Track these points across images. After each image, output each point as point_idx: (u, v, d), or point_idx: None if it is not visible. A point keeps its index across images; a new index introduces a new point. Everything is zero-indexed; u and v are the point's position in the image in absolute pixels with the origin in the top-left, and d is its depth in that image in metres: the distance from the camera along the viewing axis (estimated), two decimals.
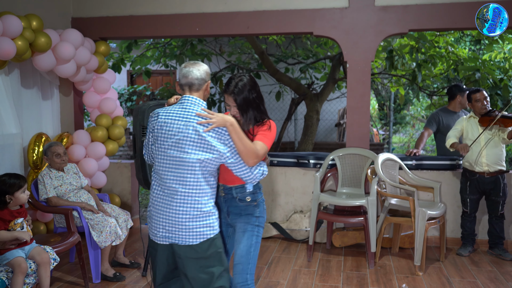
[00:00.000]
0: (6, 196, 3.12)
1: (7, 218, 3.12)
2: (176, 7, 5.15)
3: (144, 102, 3.97)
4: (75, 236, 3.80)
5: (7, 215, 3.13)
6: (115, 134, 5.20)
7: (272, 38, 8.46)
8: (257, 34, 5.38)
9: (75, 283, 3.93)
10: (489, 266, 4.35)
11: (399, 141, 14.14)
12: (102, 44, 5.16)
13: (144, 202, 7.77)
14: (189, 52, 7.67)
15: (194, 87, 2.48)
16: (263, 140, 2.49)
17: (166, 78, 12.73)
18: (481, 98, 4.51)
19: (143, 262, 4.36)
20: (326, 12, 4.91)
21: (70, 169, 4.26)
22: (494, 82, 6.39)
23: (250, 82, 2.52)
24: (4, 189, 3.13)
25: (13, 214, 3.16)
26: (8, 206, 3.15)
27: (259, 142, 2.47)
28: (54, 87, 5.00)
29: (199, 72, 2.49)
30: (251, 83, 2.53)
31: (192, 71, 2.48)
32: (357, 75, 4.89)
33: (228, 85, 2.52)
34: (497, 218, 4.54)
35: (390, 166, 4.59)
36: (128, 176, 5.58)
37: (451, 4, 4.68)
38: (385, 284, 3.91)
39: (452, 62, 7.13)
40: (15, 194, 3.15)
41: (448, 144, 4.55)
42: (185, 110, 2.43)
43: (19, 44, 3.89)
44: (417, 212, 4.11)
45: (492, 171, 4.45)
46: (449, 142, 4.54)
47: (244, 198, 2.60)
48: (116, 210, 4.26)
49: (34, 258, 3.16)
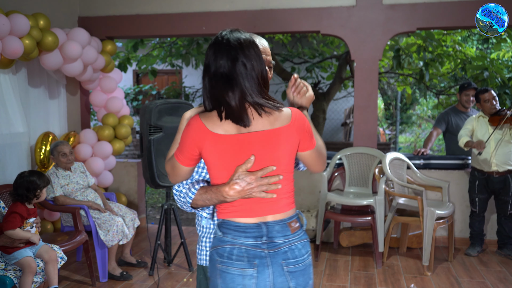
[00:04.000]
0: (36, 191, 3.22)
1: (24, 215, 3.15)
2: (183, 6, 5.14)
3: (151, 101, 3.97)
4: (82, 235, 3.80)
5: (25, 212, 3.16)
6: (122, 133, 5.20)
7: (278, 37, 8.44)
8: (264, 33, 5.36)
9: (82, 282, 3.93)
10: (498, 266, 4.31)
11: (405, 141, 14.08)
12: (108, 43, 5.16)
13: (150, 202, 7.77)
14: (195, 51, 7.66)
15: None
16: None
17: (172, 78, 12.73)
18: (490, 98, 4.47)
19: (150, 261, 4.36)
20: (334, 10, 4.88)
21: (77, 168, 4.26)
22: (502, 81, 6.35)
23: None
24: (37, 183, 3.23)
25: (29, 212, 3.19)
26: (30, 202, 3.22)
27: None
28: (61, 86, 5.00)
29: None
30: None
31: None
32: (365, 74, 4.87)
33: None
34: (506, 218, 4.50)
35: (398, 166, 4.56)
36: (135, 175, 5.57)
37: (459, 3, 4.65)
38: (393, 284, 3.88)
39: (460, 61, 7.08)
40: (43, 190, 3.27)
41: (462, 143, 4.48)
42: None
43: (26, 43, 3.90)
44: (425, 212, 4.08)
45: (501, 171, 4.41)
46: (463, 141, 4.48)
47: None
48: (123, 209, 4.25)
49: (42, 256, 3.16)
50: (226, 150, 1.59)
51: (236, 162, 1.59)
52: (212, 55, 1.62)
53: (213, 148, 1.59)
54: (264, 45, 1.82)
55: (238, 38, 1.62)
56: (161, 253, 4.56)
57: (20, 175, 3.28)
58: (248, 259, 1.60)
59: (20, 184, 3.20)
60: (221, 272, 1.62)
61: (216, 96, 1.60)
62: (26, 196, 3.18)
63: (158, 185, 3.93)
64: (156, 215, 6.89)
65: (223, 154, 1.59)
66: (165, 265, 4.32)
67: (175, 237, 4.82)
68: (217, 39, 1.64)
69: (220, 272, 1.62)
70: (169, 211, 4.23)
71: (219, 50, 1.61)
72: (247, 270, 1.59)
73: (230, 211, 1.64)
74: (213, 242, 1.66)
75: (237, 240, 1.61)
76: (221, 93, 1.59)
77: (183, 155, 1.63)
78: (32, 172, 3.31)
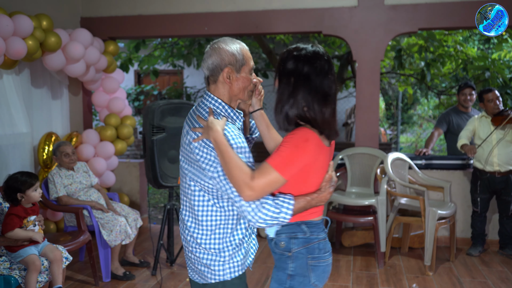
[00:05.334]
0: (18, 194, 3.14)
1: (22, 214, 3.15)
2: (185, 7, 5.16)
3: (153, 101, 3.98)
4: (86, 235, 3.82)
5: (21, 211, 3.16)
6: (124, 133, 5.22)
7: (279, 37, 8.45)
8: (266, 33, 5.37)
9: (85, 281, 3.94)
10: (500, 266, 4.32)
11: (406, 141, 14.08)
12: (111, 43, 5.18)
13: (152, 202, 7.79)
14: (197, 51, 7.68)
15: (210, 78, 1.82)
16: (269, 160, 1.65)
17: (173, 78, 12.74)
18: (494, 98, 4.48)
19: (152, 261, 4.37)
20: (335, 11, 4.89)
21: (80, 167, 4.28)
22: (503, 81, 6.36)
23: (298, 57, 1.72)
24: (16, 186, 3.15)
25: (27, 211, 3.19)
26: (21, 203, 3.17)
27: (264, 163, 1.66)
28: (64, 86, 5.02)
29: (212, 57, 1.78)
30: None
31: (204, 58, 1.81)
32: (366, 74, 4.88)
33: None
34: (507, 218, 4.51)
35: (400, 166, 4.57)
36: (137, 176, 5.59)
37: (461, 3, 4.66)
38: (395, 284, 3.89)
39: (461, 61, 7.09)
40: (26, 192, 3.16)
41: (459, 145, 4.56)
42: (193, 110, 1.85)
43: (29, 44, 3.91)
44: (427, 212, 4.09)
45: (503, 171, 4.42)
46: (460, 144, 4.55)
47: (279, 242, 1.81)
48: (125, 209, 4.27)
49: (47, 256, 3.18)
50: (325, 161, 1.77)
51: (325, 171, 1.79)
52: (314, 70, 1.67)
53: (320, 160, 1.73)
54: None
55: (329, 56, 1.74)
56: (163, 253, 4.57)
57: (8, 177, 3.26)
58: (327, 250, 1.84)
59: (5, 187, 3.19)
60: (313, 267, 1.79)
61: (315, 111, 1.68)
62: (13, 198, 3.16)
63: (161, 185, 3.94)
64: (158, 215, 6.90)
65: (323, 165, 1.76)
66: (167, 265, 4.33)
67: (178, 237, 4.84)
68: (317, 54, 1.69)
69: (312, 268, 1.79)
70: (171, 211, 4.25)
71: (323, 66, 1.68)
72: (329, 260, 1.85)
73: (312, 212, 1.80)
74: (296, 243, 1.77)
75: (320, 236, 1.81)
76: (321, 108, 1.68)
77: (293, 169, 1.65)
78: (15, 174, 3.24)
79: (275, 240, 1.82)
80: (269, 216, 1.65)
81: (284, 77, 1.72)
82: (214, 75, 1.79)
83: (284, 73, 1.72)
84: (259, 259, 4.49)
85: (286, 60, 1.72)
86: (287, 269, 1.79)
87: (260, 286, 3.86)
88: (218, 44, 1.79)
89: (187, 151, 1.77)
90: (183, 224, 1.85)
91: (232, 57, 1.76)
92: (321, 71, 1.68)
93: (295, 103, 1.69)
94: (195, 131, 1.74)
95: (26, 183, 3.17)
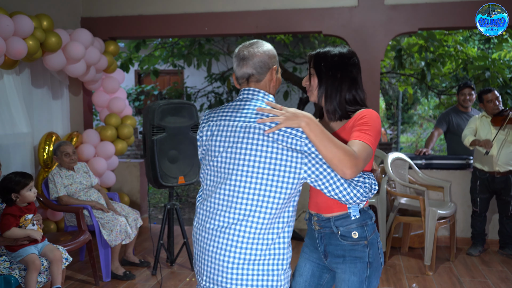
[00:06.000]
0: (12, 194, 3.15)
1: (17, 213, 3.15)
2: (185, 7, 5.16)
3: (154, 102, 3.98)
4: (86, 235, 3.82)
5: (17, 211, 3.16)
6: (124, 133, 5.22)
7: (279, 37, 8.45)
8: (266, 33, 5.38)
9: (85, 281, 3.95)
10: (500, 266, 4.32)
11: (406, 141, 14.08)
12: (111, 43, 5.18)
13: (152, 202, 7.79)
14: (197, 51, 7.68)
15: (253, 77, 1.84)
16: (363, 138, 1.74)
17: (174, 78, 12.75)
18: (493, 98, 4.48)
19: (152, 261, 4.38)
20: (335, 11, 4.90)
21: (80, 168, 4.28)
22: (504, 81, 6.36)
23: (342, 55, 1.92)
24: (10, 187, 3.16)
25: (22, 210, 3.19)
26: (16, 203, 3.18)
27: (357, 141, 1.72)
28: (64, 86, 5.02)
29: (259, 57, 1.82)
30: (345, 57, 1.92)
31: (247, 57, 1.83)
32: (366, 74, 4.86)
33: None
34: (507, 218, 4.51)
35: (400, 166, 4.57)
36: (137, 176, 5.59)
37: (460, 3, 4.66)
38: (395, 284, 3.89)
39: (461, 61, 7.09)
40: (21, 192, 3.17)
41: (468, 141, 4.44)
42: (240, 107, 1.80)
43: (30, 44, 3.92)
44: (427, 212, 4.10)
45: (503, 171, 4.42)
46: (469, 140, 4.44)
47: (349, 233, 1.84)
48: (126, 209, 4.27)
49: (47, 256, 3.18)
50: None
51: None
52: (353, 64, 1.90)
53: None
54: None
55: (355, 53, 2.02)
56: (164, 253, 4.57)
57: (2, 177, 3.25)
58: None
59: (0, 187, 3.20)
60: (381, 250, 1.90)
61: (360, 94, 1.92)
62: (7, 199, 3.17)
63: (161, 185, 3.95)
64: (159, 215, 6.91)
65: None
66: (168, 264, 4.34)
67: (178, 236, 4.84)
68: (351, 52, 1.92)
69: (381, 251, 1.90)
70: (171, 211, 4.25)
71: (356, 61, 1.93)
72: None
73: None
74: (368, 230, 1.86)
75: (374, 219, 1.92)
76: (362, 91, 1.95)
77: (376, 141, 1.79)
78: (9, 175, 3.24)
79: (342, 233, 1.84)
80: (364, 193, 1.74)
81: (329, 72, 1.87)
82: (261, 73, 1.83)
83: (329, 69, 1.87)
84: None
85: (328, 59, 1.88)
86: (365, 257, 1.84)
87: None
88: (262, 45, 1.85)
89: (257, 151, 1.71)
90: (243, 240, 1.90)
91: (275, 58, 1.87)
92: (356, 64, 1.91)
93: (346, 91, 1.88)
94: (272, 120, 1.71)
95: (20, 183, 3.18)
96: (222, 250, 1.72)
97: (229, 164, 1.74)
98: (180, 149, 4.06)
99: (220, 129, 1.79)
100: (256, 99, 1.80)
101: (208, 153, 1.81)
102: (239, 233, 1.71)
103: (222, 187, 1.75)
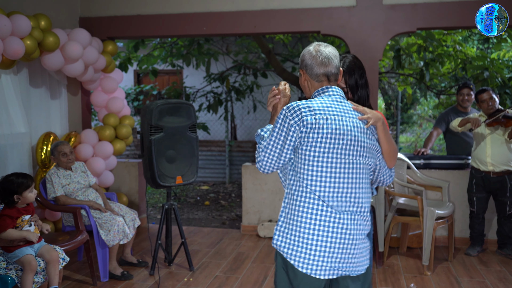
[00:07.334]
0: (14, 196, 3.13)
1: (15, 215, 3.14)
2: (183, 7, 5.16)
3: (151, 101, 3.98)
4: (84, 235, 3.82)
5: (14, 212, 3.15)
6: (123, 133, 5.22)
7: (278, 37, 8.44)
8: (265, 33, 5.37)
9: (83, 281, 3.94)
10: (498, 266, 4.32)
11: (406, 141, 14.08)
12: (109, 43, 5.18)
13: (151, 202, 7.79)
14: (196, 51, 7.68)
15: (334, 77, 2.08)
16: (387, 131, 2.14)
17: (172, 78, 12.73)
18: (487, 98, 4.49)
19: (150, 261, 4.37)
20: (334, 11, 4.89)
21: (78, 167, 4.28)
22: (502, 81, 6.35)
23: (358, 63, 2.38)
24: (12, 188, 3.14)
25: (20, 211, 3.18)
26: (16, 205, 3.17)
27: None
28: (62, 86, 5.02)
29: (337, 58, 2.09)
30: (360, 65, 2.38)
31: (331, 58, 2.05)
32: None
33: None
34: (505, 218, 4.51)
35: (398, 165, 4.57)
36: (136, 175, 5.59)
37: (459, 3, 4.65)
38: (393, 284, 3.89)
39: (460, 61, 7.09)
40: (23, 194, 3.16)
41: (457, 122, 4.58)
42: (341, 103, 2.04)
43: (28, 44, 3.91)
44: (425, 212, 4.09)
45: (498, 171, 4.42)
46: (457, 121, 4.59)
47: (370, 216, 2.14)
48: (123, 209, 4.27)
49: (43, 256, 3.17)
50: None
51: None
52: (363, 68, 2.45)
53: None
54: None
55: None
56: (161, 253, 4.57)
57: (2, 179, 3.23)
58: None
59: (1, 189, 3.16)
60: None
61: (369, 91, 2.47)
62: (8, 200, 3.15)
63: (159, 185, 3.94)
64: (157, 215, 6.90)
65: None
66: (165, 264, 4.33)
67: (176, 236, 4.84)
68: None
69: None
70: (169, 211, 4.25)
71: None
72: None
73: None
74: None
75: None
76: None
77: None
78: (9, 176, 3.21)
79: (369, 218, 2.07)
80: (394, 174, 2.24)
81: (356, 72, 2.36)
82: (338, 74, 2.10)
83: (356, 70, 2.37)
84: (257, 259, 4.49)
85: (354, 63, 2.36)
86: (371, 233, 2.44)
87: (258, 286, 3.86)
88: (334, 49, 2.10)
89: (368, 145, 2.03)
90: (367, 219, 2.06)
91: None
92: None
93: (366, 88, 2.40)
94: (363, 119, 2.03)
95: (23, 185, 3.16)
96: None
97: (352, 156, 2.04)
98: (178, 149, 4.05)
99: (334, 120, 2.03)
100: (344, 98, 2.11)
101: (324, 143, 1.99)
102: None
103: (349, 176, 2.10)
